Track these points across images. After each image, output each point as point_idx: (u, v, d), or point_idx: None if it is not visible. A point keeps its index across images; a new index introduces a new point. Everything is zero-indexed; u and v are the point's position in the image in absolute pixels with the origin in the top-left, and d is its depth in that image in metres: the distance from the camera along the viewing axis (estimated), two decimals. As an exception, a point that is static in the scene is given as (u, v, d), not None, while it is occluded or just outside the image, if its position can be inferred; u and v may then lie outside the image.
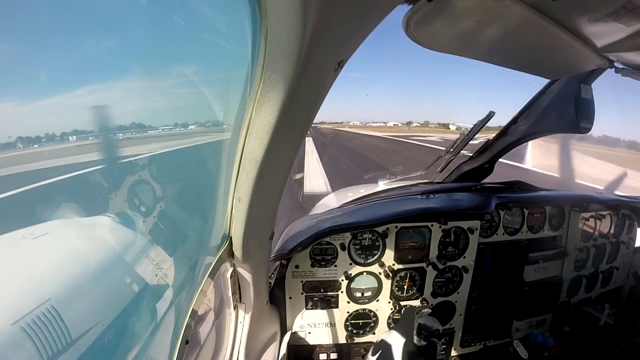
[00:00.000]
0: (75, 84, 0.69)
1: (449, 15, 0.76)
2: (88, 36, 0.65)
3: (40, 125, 0.69)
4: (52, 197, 0.86)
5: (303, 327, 1.55)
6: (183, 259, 1.13)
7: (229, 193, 0.86)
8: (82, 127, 0.79)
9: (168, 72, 0.86)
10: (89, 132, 0.82)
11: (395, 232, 1.51)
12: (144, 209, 1.15)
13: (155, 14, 0.71)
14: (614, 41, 0.91)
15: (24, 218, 0.84)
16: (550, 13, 0.78)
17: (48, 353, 0.70)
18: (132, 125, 0.96)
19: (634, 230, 2.10)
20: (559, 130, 1.70)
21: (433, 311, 1.63)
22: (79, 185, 0.92)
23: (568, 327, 1.90)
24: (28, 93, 0.62)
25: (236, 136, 0.74)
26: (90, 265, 0.92)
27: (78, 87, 0.70)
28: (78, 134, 0.79)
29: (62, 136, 0.76)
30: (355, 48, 0.65)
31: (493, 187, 1.98)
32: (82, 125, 0.78)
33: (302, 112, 0.71)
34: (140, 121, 0.97)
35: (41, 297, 0.74)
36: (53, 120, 0.72)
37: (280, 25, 0.51)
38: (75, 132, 0.78)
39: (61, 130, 0.75)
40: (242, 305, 1.17)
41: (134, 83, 0.83)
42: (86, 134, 0.81)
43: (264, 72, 0.58)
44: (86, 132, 0.81)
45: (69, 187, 0.90)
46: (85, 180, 0.94)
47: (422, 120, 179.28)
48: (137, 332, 0.94)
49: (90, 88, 0.71)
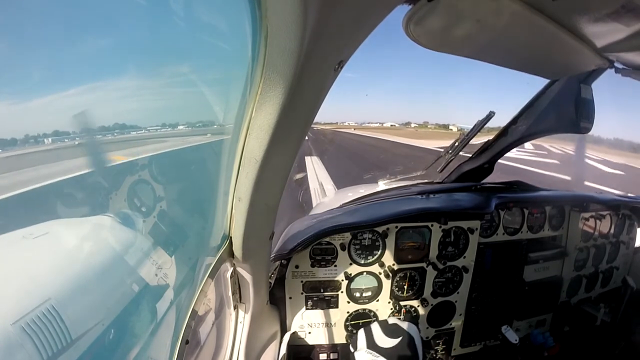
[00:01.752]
0: (73, 83, 0.69)
1: (449, 15, 0.76)
2: (86, 35, 0.65)
3: (36, 125, 0.68)
4: (52, 197, 0.86)
5: (303, 327, 1.55)
6: (183, 259, 1.13)
7: (229, 193, 0.86)
8: (82, 127, 0.79)
9: (168, 72, 0.86)
10: (89, 132, 0.82)
11: (395, 232, 1.51)
12: (144, 209, 1.15)
13: (155, 14, 0.71)
14: (614, 41, 0.91)
15: (24, 218, 0.84)
16: (550, 13, 0.78)
17: (48, 353, 0.70)
18: (131, 125, 0.96)
19: (634, 230, 2.10)
20: (559, 130, 1.70)
21: (433, 311, 1.63)
22: (79, 185, 0.91)
23: (568, 327, 1.90)
24: (21, 92, 0.61)
25: (236, 136, 0.74)
26: (90, 265, 0.92)
27: (75, 86, 0.70)
28: (78, 134, 0.79)
29: (60, 136, 0.76)
30: (355, 48, 0.65)
31: (493, 187, 1.98)
32: (81, 125, 0.78)
33: (302, 112, 0.71)
34: (139, 121, 0.97)
35: (41, 297, 0.74)
36: (50, 120, 0.72)
37: (280, 25, 0.51)
38: (75, 132, 0.78)
39: (59, 129, 0.75)
40: (242, 305, 1.17)
41: (132, 82, 0.83)
42: (86, 133, 0.81)
43: (264, 71, 0.58)
44: (86, 132, 0.81)
45: (69, 187, 0.90)
46: (85, 180, 0.94)
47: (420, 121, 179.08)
48: (137, 332, 0.94)
49: (88, 87, 0.71)
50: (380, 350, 1.02)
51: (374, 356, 0.97)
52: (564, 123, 1.62)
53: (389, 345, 1.03)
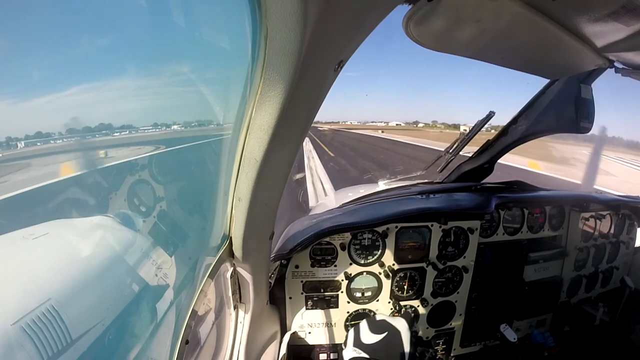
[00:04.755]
0: (72, 83, 0.69)
1: (449, 15, 0.76)
2: (86, 35, 0.65)
3: (34, 125, 0.68)
4: (52, 197, 0.86)
5: (303, 327, 1.55)
6: (183, 259, 1.13)
7: (229, 193, 0.86)
8: (81, 126, 0.79)
9: (167, 72, 0.86)
10: (88, 131, 0.82)
11: (395, 232, 1.51)
12: (144, 209, 1.15)
13: (154, 13, 0.71)
14: (614, 41, 0.91)
15: (24, 218, 0.84)
16: (550, 13, 0.78)
17: (48, 353, 0.70)
18: (131, 125, 0.96)
19: (634, 230, 2.10)
20: (559, 130, 1.70)
21: (433, 311, 1.63)
22: (79, 186, 0.91)
23: (568, 327, 1.90)
24: (21, 91, 0.61)
25: (236, 136, 0.73)
26: (90, 265, 0.92)
27: (74, 86, 0.70)
28: (77, 134, 0.79)
29: (59, 136, 0.75)
30: (355, 48, 0.65)
31: (493, 187, 1.98)
32: (80, 125, 0.78)
33: (302, 111, 0.71)
34: (139, 121, 0.97)
35: (41, 298, 0.74)
36: (48, 120, 0.71)
37: (280, 25, 0.51)
38: (74, 132, 0.78)
39: (59, 130, 0.75)
40: (242, 305, 1.17)
41: (132, 82, 0.83)
42: (85, 133, 0.81)
43: (264, 71, 0.58)
44: (85, 132, 0.81)
45: (69, 187, 0.90)
46: (85, 181, 0.94)
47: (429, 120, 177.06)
48: (137, 332, 0.94)
49: (87, 87, 0.71)
50: (365, 347, 1.02)
51: (357, 353, 0.97)
52: (564, 123, 1.62)
53: (374, 341, 1.03)
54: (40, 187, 0.82)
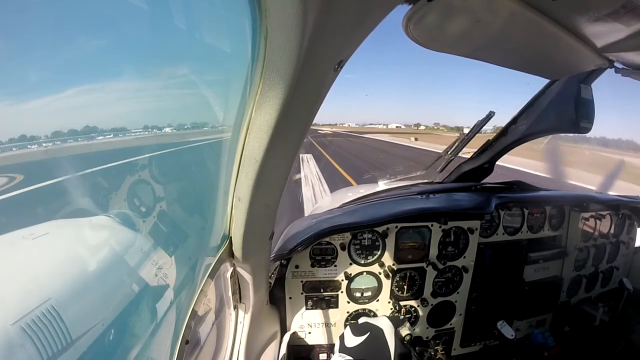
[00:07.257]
0: (71, 84, 0.69)
1: (449, 16, 0.76)
2: (85, 36, 0.65)
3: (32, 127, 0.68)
4: (52, 197, 0.86)
5: (303, 327, 1.55)
6: (183, 259, 1.13)
7: (229, 193, 0.86)
8: (80, 126, 0.79)
9: (167, 72, 0.86)
10: (88, 132, 0.82)
11: (395, 232, 1.51)
12: (144, 209, 1.15)
13: (154, 14, 0.71)
14: (614, 41, 0.91)
15: (24, 218, 0.84)
16: (550, 13, 0.78)
17: (48, 353, 0.70)
18: (130, 125, 0.96)
19: (634, 230, 2.10)
20: (559, 130, 1.70)
21: (433, 311, 1.63)
22: (78, 186, 0.91)
23: (568, 327, 1.90)
24: (18, 93, 0.61)
25: (236, 136, 0.74)
26: (90, 265, 0.92)
27: (73, 87, 0.69)
28: (76, 133, 0.79)
29: (59, 137, 0.75)
30: (355, 48, 0.65)
31: (493, 187, 1.98)
32: (80, 125, 0.78)
33: (302, 112, 0.71)
34: (139, 122, 0.97)
35: (41, 297, 0.74)
36: (48, 121, 0.71)
37: (280, 25, 0.51)
38: (74, 132, 0.78)
39: (58, 130, 0.75)
40: (242, 305, 1.17)
41: (131, 83, 0.83)
42: (84, 134, 0.81)
43: (263, 72, 0.58)
44: (84, 132, 0.81)
45: (69, 187, 0.90)
46: (85, 181, 0.94)
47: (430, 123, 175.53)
48: (137, 332, 0.94)
49: (85, 88, 0.71)
50: (349, 350, 1.03)
51: (342, 358, 0.98)
52: (564, 123, 1.62)
53: (357, 343, 1.04)
54: (40, 187, 0.82)
